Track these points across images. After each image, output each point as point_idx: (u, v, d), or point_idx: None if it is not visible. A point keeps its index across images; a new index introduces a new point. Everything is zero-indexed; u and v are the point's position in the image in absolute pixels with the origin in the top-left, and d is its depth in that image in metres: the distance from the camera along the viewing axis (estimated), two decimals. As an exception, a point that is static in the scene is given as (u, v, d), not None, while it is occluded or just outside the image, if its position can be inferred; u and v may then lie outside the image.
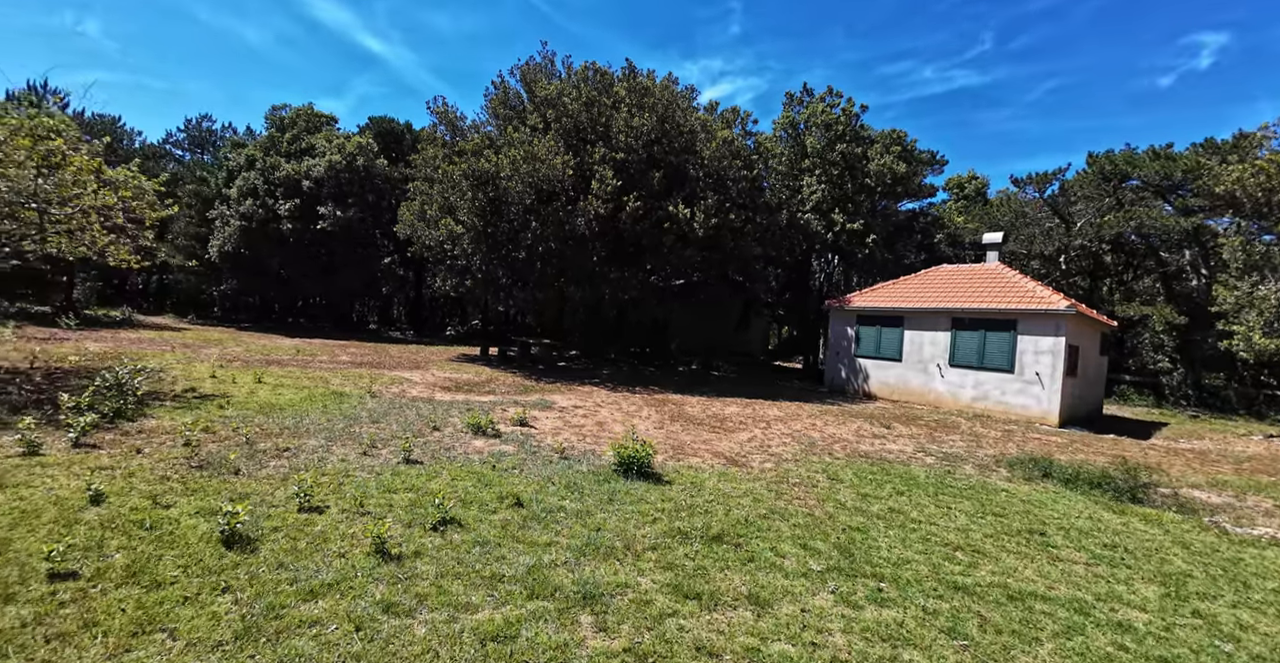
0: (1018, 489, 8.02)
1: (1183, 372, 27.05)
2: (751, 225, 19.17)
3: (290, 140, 30.25)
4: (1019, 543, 5.84)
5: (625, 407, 12.40)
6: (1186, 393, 26.00)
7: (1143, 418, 20.44)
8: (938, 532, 5.80)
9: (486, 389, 13.30)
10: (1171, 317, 23.90)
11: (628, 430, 9.64)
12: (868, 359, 19.44)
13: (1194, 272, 28.32)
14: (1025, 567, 5.26)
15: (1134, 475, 8.73)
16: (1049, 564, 5.41)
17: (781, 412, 13.52)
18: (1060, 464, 9.40)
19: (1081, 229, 26.72)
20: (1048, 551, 5.76)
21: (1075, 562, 5.57)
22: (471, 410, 9.92)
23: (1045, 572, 5.22)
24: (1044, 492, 8.07)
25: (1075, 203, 26.48)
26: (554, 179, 16.86)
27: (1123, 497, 8.17)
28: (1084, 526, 6.68)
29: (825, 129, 22.33)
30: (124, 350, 15.12)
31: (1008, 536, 6.00)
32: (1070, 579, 5.13)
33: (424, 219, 19.51)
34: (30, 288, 27.52)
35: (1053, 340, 15.76)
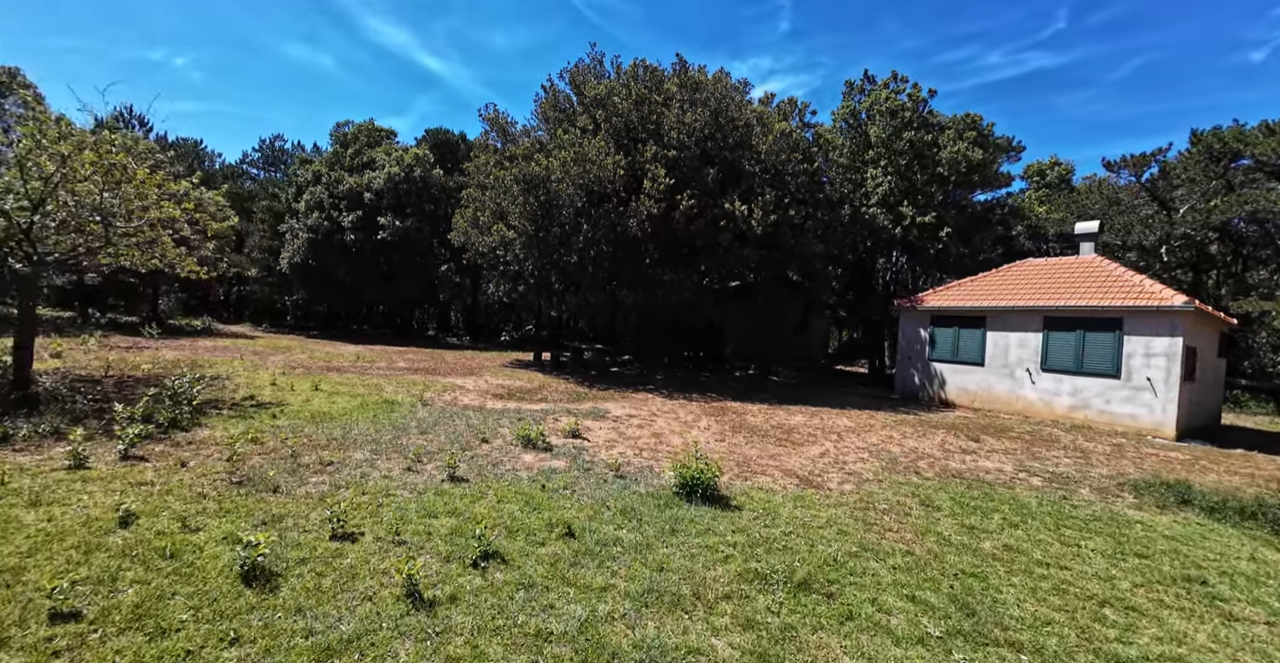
0: (1154, 521, 6.75)
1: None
2: (812, 222, 18.06)
3: (353, 155, 31.32)
4: (1178, 595, 4.73)
5: (683, 416, 11.67)
6: None
7: (1267, 428, 17.94)
8: (1073, 579, 4.76)
9: (538, 397, 12.88)
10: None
11: (687, 443, 8.90)
12: (944, 363, 17.89)
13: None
14: (1196, 630, 4.19)
15: None
16: (1224, 626, 4.31)
17: (852, 422, 12.41)
18: (1199, 489, 7.98)
19: (1185, 216, 23.93)
20: (1216, 605, 4.64)
21: (1254, 621, 4.44)
22: (522, 420, 9.45)
23: (1222, 637, 4.13)
24: (1186, 524, 6.76)
25: (1178, 187, 23.75)
26: (605, 180, 16.37)
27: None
28: (1249, 570, 5.45)
29: (891, 117, 20.89)
30: (197, 359, 15.66)
31: (1161, 585, 4.89)
32: (1254, 647, 4.04)
33: (477, 226, 19.47)
34: (121, 299, 29.57)
35: (1167, 341, 13.87)
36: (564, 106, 19.44)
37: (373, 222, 28.03)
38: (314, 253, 28.92)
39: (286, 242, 30.23)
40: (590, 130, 17.84)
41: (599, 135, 16.86)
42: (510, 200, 17.35)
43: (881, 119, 21.04)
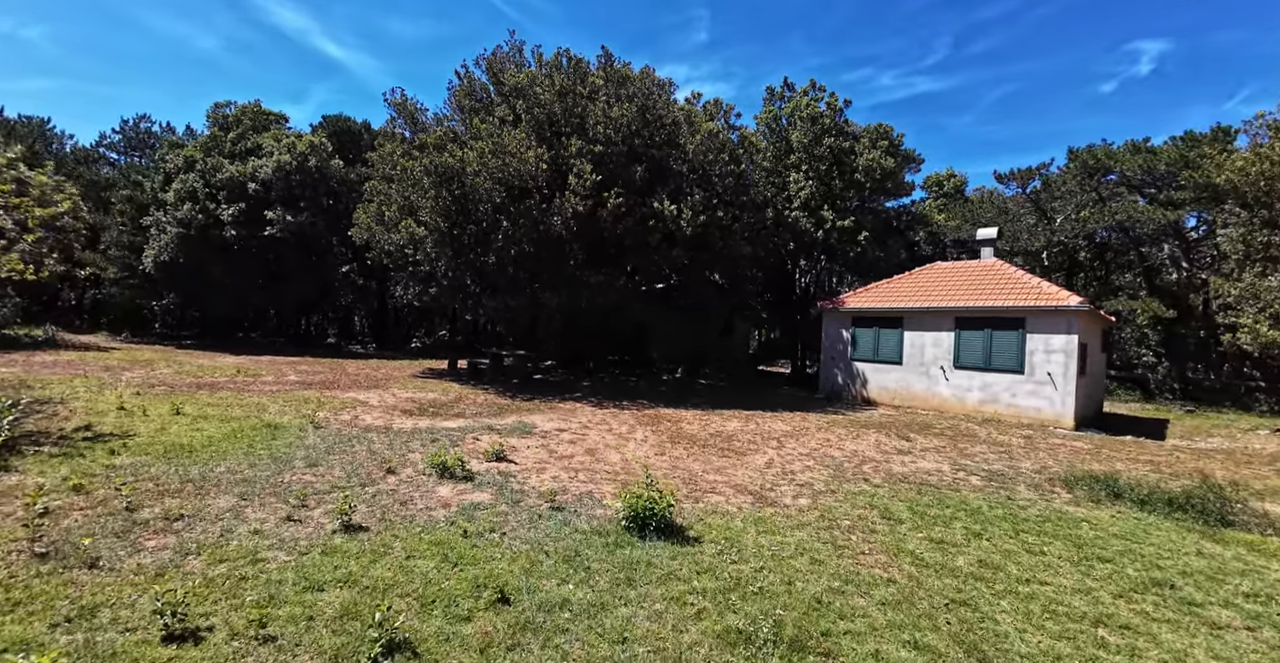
0: (1097, 518, 6.77)
1: (1167, 366, 26.89)
2: (739, 224, 17.89)
3: (235, 140, 27.86)
4: (1156, 604, 4.54)
5: (616, 427, 10.85)
6: (1172, 387, 25.77)
7: (1140, 414, 19.82)
8: (1057, 596, 4.45)
9: (455, 411, 11.56)
10: (1160, 310, 23.54)
11: (626, 460, 8.09)
12: (865, 363, 18.31)
13: (1174, 265, 28.27)
14: (1191, 645, 3.94)
15: (1219, 493, 7.61)
16: (1213, 637, 4.11)
17: (787, 425, 12.15)
18: (1125, 482, 8.23)
19: (1062, 225, 26.34)
20: (1195, 613, 4.48)
21: (1236, 628, 4.30)
22: (437, 442, 8.23)
23: (1218, 651, 3.90)
24: (1125, 518, 6.85)
25: (1057, 198, 26.05)
26: (526, 174, 15.25)
27: (1211, 520, 7.01)
28: (1204, 567, 5.45)
29: (811, 123, 21.27)
30: (28, 377, 12.90)
31: (1136, 593, 4.69)
32: (1251, 659, 3.83)
33: (382, 222, 17.66)
34: (-68, 306, 24.44)
35: (1065, 339, 14.84)
36: (480, 96, 18.07)
37: (259, 215, 24.95)
38: (185, 250, 25.31)
39: (152, 237, 26.27)
40: (509, 121, 16.62)
41: (519, 127, 15.71)
42: (421, 194, 15.79)
43: (803, 124, 21.37)
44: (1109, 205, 24.53)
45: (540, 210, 15.47)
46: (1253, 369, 25.95)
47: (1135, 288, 28.27)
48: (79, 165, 36.37)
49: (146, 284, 28.74)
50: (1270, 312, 15.46)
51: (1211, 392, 25.16)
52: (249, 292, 27.04)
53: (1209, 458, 11.35)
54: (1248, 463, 10.96)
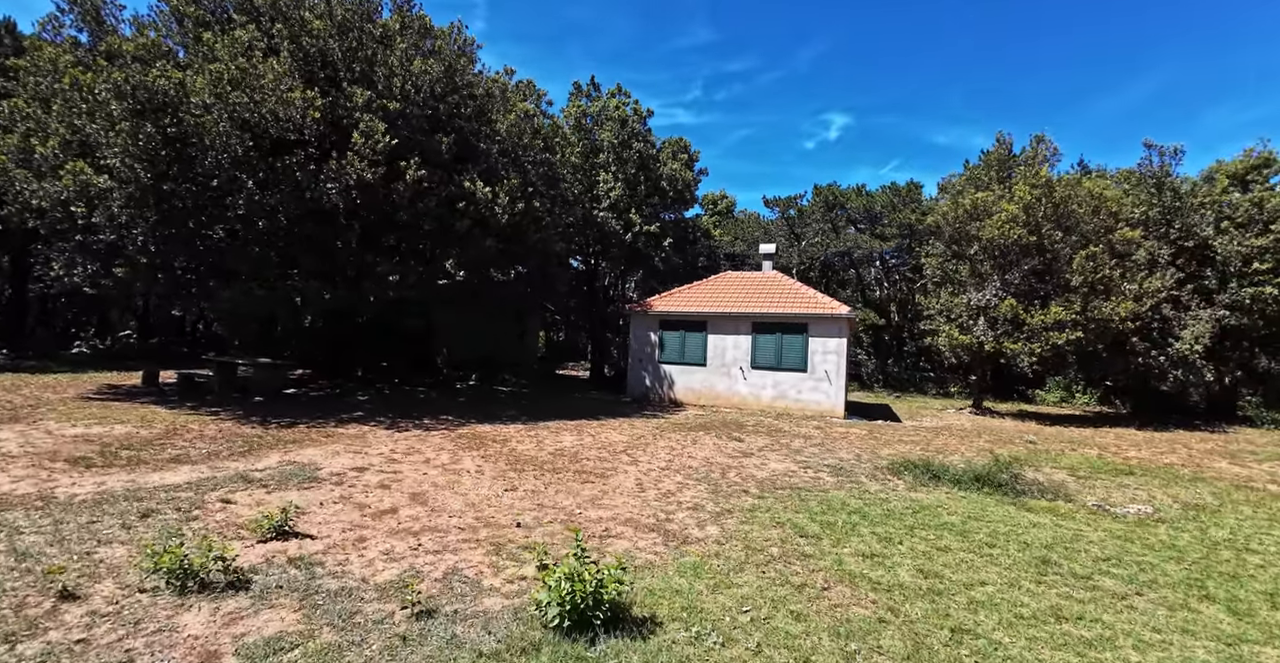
0: (941, 502, 7.31)
1: (875, 362, 33.61)
2: (551, 217, 16.41)
3: None
4: (1067, 587, 4.79)
5: (432, 455, 8.44)
6: (878, 378, 32.25)
7: (866, 401, 23.97)
8: (1008, 598, 4.44)
9: (170, 452, 7.70)
10: (874, 318, 29.11)
11: (473, 503, 6.03)
12: (672, 365, 18.54)
13: (877, 284, 35.57)
14: (1133, 625, 4.02)
15: (1007, 469, 8.90)
16: (1128, 610, 4.35)
17: (622, 435, 11.18)
18: (936, 465, 9.22)
19: (805, 248, 31.07)
20: (1094, 588, 4.73)
21: (1127, 595, 4.60)
22: (153, 516, 5.01)
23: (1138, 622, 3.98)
24: (960, 499, 7.54)
25: (808, 225, 30.56)
26: (289, 122, 11.43)
27: (1008, 492, 8.11)
28: (1049, 539, 5.99)
29: (621, 125, 20.88)
30: None
31: (1045, 577, 4.92)
32: (1184, 627, 3.93)
33: (29, 162, 11.67)
34: None
35: (838, 341, 16.92)
36: (213, 5, 13.21)
37: None
38: None
39: None
40: (260, 49, 12.36)
41: (279, 58, 11.72)
42: (106, 125, 10.70)
43: (613, 125, 20.84)
44: (841, 234, 29.62)
45: (307, 173, 11.77)
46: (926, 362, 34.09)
47: (854, 301, 34.93)
48: None
49: None
50: (958, 322, 19.91)
51: (900, 381, 32.21)
52: None
53: (949, 434, 13.81)
54: (973, 437, 13.56)
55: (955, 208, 20.16)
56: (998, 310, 18.72)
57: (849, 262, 33.43)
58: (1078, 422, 18.87)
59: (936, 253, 22.42)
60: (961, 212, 20.16)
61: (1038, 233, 18.75)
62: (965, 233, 20.27)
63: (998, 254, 19.34)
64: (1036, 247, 18.74)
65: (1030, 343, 17.94)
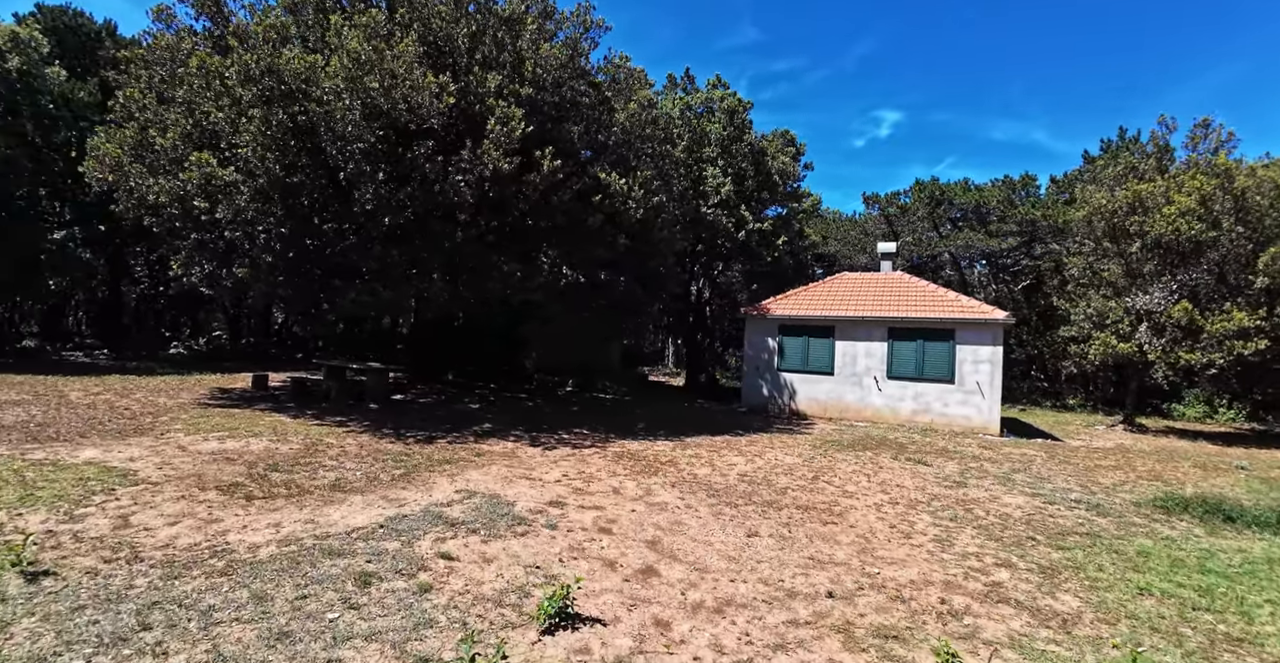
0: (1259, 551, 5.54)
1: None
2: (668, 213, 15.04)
3: None
4: None
5: (611, 481, 7.17)
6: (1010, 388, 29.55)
7: (1010, 415, 21.61)
8: None
9: (324, 477, 6.63)
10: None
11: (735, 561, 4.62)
12: (794, 373, 16.91)
13: (981, 285, 32.78)
14: None
15: None
16: None
17: (789, 456, 9.71)
18: (1211, 501, 7.40)
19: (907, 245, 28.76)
20: None
21: None
22: (374, 583, 3.78)
23: None
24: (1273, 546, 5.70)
25: (911, 222, 28.28)
26: (421, 109, 10.44)
27: None
28: None
29: (729, 117, 19.41)
30: None
31: None
32: None
33: (148, 155, 11.11)
34: None
35: (991, 349, 15.03)
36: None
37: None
38: None
39: None
40: (382, 36, 11.47)
41: (405, 41, 10.77)
42: (234, 113, 9.95)
43: (721, 117, 19.40)
44: (943, 231, 27.20)
45: (436, 165, 10.76)
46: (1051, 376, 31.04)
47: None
48: None
49: None
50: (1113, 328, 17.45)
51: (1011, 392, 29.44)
52: None
53: (1139, 456, 11.76)
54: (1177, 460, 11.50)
55: (1111, 201, 17.75)
56: (1165, 315, 16.30)
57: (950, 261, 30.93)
58: (1259, 440, 16.34)
59: (1082, 251, 19.96)
60: (1119, 205, 17.74)
61: (1217, 227, 16.26)
62: (1122, 229, 17.85)
63: (1164, 252, 16.91)
64: (1212, 243, 16.25)
65: (1210, 352, 15.50)
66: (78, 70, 19.64)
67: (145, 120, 11.43)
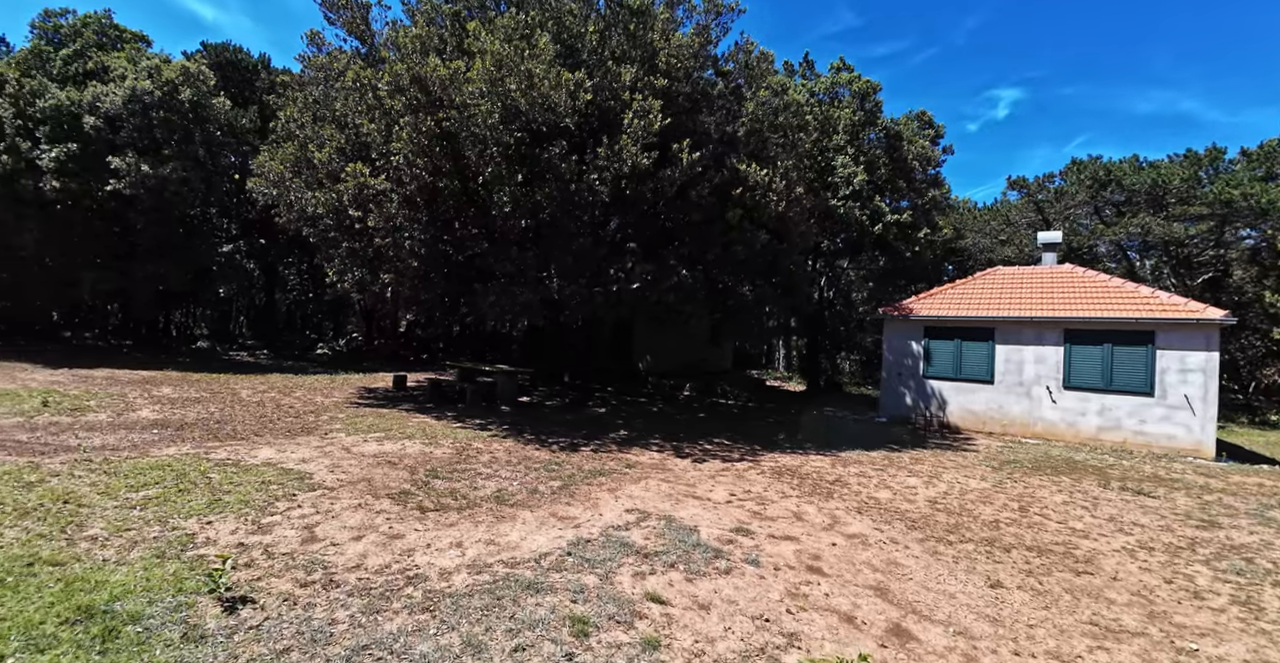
0: None
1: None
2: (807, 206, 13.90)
3: (69, 58, 19.71)
4: None
5: (786, 503, 6.33)
6: None
7: None
8: None
9: (485, 487, 6.36)
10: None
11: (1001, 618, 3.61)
12: (943, 381, 15.08)
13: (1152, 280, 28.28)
14: None
15: None
16: None
17: (974, 479, 8.30)
18: None
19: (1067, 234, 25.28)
20: None
21: None
22: (592, 632, 3.23)
23: None
24: None
25: (1070, 208, 24.84)
26: (557, 108, 10.19)
27: None
28: None
29: (860, 101, 17.87)
30: None
31: None
32: None
33: (306, 169, 11.75)
34: None
35: (1204, 356, 12.47)
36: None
37: (98, 163, 17.33)
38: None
39: (-86, 186, 17.58)
40: (518, 37, 11.40)
41: (541, 42, 10.59)
42: (385, 124, 10.22)
43: (851, 102, 17.92)
44: (1121, 218, 23.52)
45: (570, 164, 10.46)
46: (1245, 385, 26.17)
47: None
48: None
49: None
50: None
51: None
52: (77, 272, 19.02)
53: None
54: None
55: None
56: None
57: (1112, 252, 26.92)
58: None
59: None
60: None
61: None
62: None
63: None
64: None
65: None
66: (239, 99, 21.83)
67: (304, 137, 12.13)
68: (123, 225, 18.93)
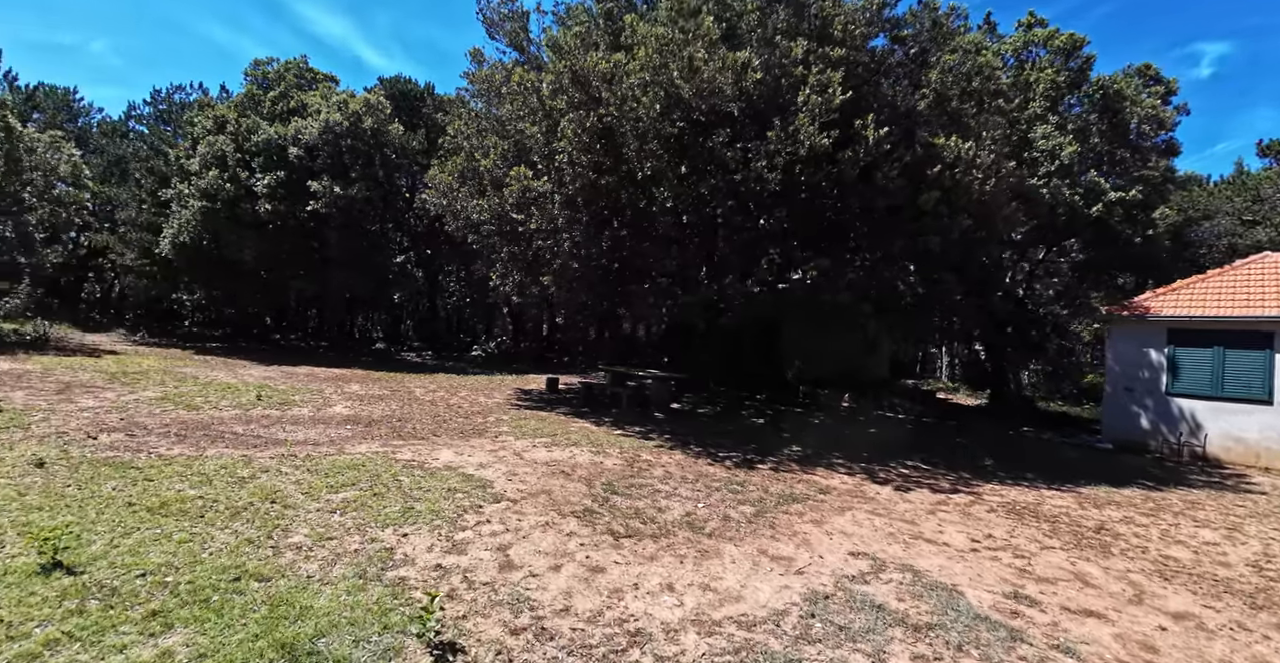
0: None
1: None
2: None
3: (275, 99, 22.88)
4: None
5: (1044, 556, 4.85)
6: None
7: None
8: None
9: (669, 510, 5.66)
10: None
11: None
12: (1195, 399, 12.03)
13: None
14: None
15: None
16: None
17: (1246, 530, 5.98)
18: None
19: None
20: None
21: None
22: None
23: None
24: None
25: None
26: (719, 93, 9.37)
27: None
28: None
29: (1064, 58, 15.01)
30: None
31: None
32: None
33: (468, 181, 12.09)
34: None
35: None
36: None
37: (301, 187, 19.76)
38: (208, 228, 20.23)
39: (171, 214, 21.33)
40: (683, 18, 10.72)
41: (705, 22, 9.83)
42: (548, 125, 10.10)
43: (1052, 61, 15.12)
44: None
45: (736, 152, 9.57)
46: None
47: None
48: (104, 138, 32.20)
49: (165, 272, 23.88)
50: None
51: None
52: (285, 282, 21.89)
53: None
54: None
55: None
56: None
57: None
58: None
59: None
60: None
61: None
62: None
63: None
64: None
65: None
66: (408, 124, 23.87)
67: (470, 147, 12.55)
68: (319, 241, 21.44)
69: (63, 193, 19.49)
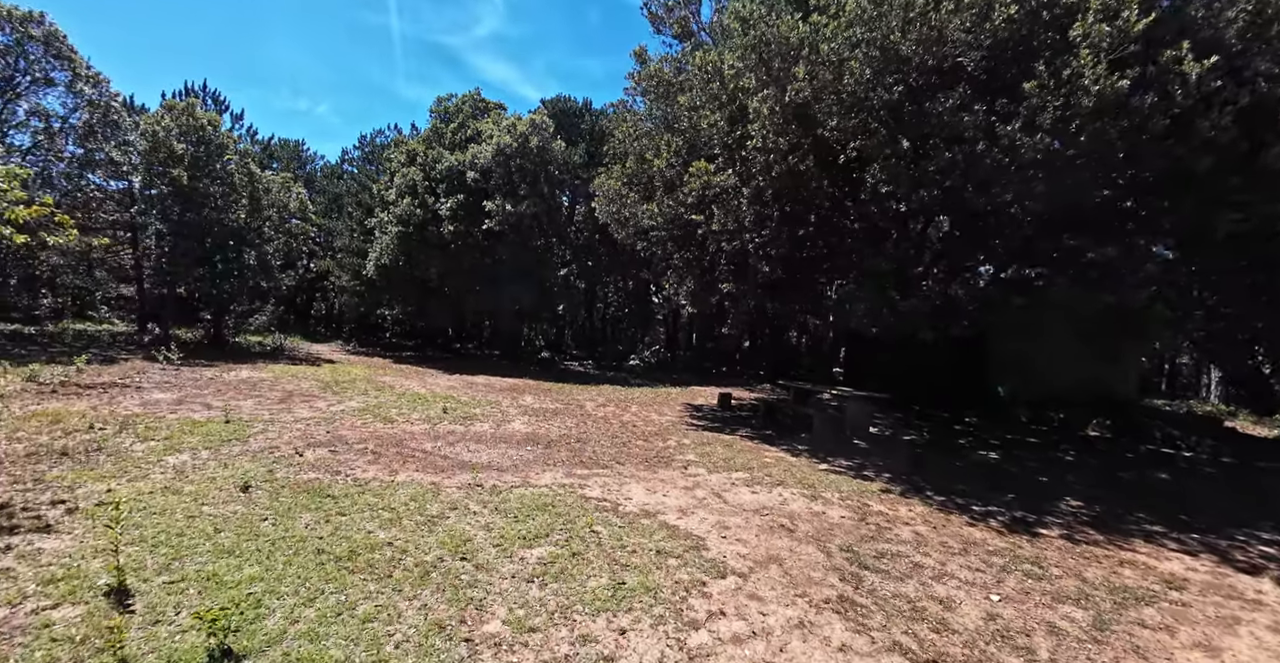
0: None
1: None
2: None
3: (455, 130, 24.75)
4: None
5: None
6: None
7: None
8: None
9: (944, 596, 4.02)
10: None
11: None
12: None
13: None
14: None
15: None
16: None
17: None
18: None
19: None
20: None
21: None
22: None
23: None
24: None
25: None
26: (952, 41, 7.41)
27: None
28: None
29: None
30: (146, 415, 8.49)
31: None
32: None
33: (636, 184, 11.29)
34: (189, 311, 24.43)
35: None
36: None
37: (477, 207, 20.93)
38: (403, 250, 22.30)
39: (375, 239, 23.98)
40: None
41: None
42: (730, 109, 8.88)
43: None
44: None
45: (975, 115, 7.49)
46: None
47: None
48: (324, 180, 37.81)
49: (369, 290, 26.96)
50: None
51: None
52: (465, 296, 23.39)
53: None
54: None
55: None
56: None
57: None
58: None
59: None
60: None
61: None
62: None
63: None
64: None
65: None
66: (569, 140, 24.39)
67: (640, 148, 11.81)
68: (491, 257, 22.58)
69: (294, 226, 22.72)
